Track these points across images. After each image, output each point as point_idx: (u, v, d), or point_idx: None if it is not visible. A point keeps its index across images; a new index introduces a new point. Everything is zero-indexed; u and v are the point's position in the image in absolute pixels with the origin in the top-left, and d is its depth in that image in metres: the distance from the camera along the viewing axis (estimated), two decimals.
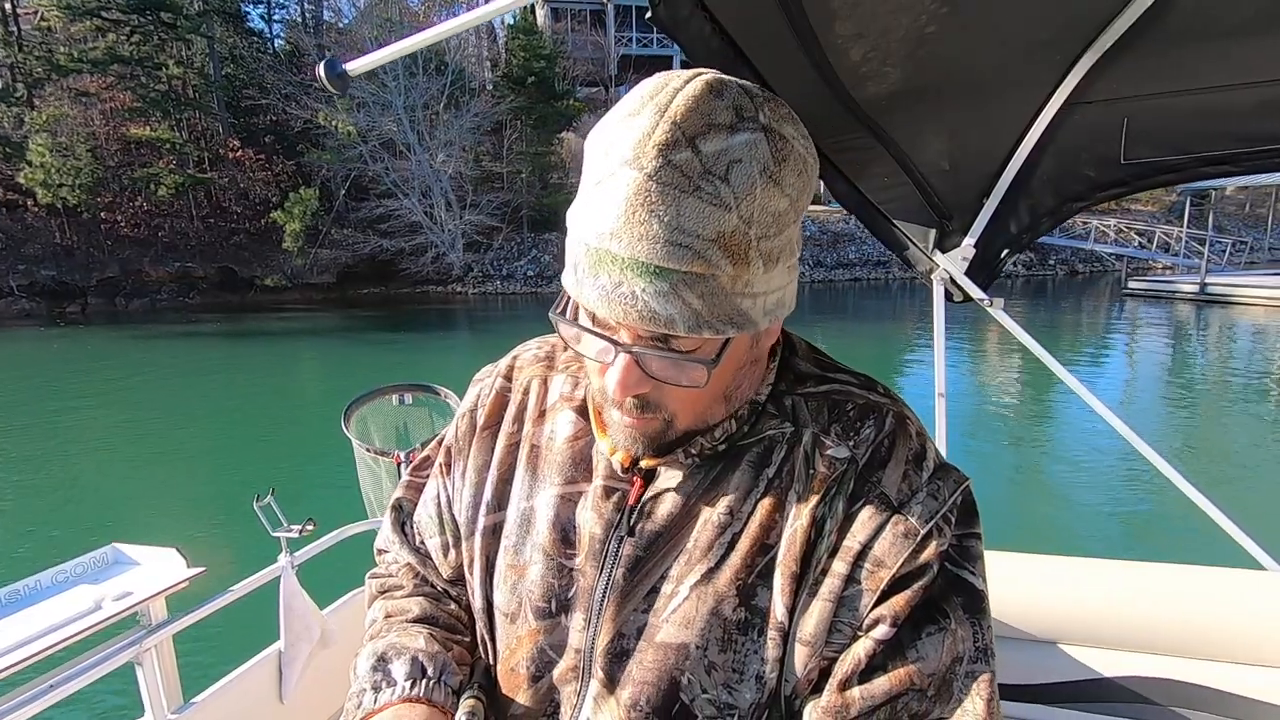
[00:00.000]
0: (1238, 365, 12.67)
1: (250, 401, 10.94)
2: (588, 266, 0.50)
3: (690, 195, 0.47)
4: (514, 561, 0.66)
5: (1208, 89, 1.12)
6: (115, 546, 1.28)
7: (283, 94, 25.61)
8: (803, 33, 0.98)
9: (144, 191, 24.53)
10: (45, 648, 1.05)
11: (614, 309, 0.49)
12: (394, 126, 24.82)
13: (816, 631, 0.56)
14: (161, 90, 25.22)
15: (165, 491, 6.95)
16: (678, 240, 0.47)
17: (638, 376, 0.53)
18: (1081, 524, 5.72)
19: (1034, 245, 2.25)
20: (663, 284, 0.48)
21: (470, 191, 25.79)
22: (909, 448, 0.59)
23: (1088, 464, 7.02)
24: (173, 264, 24.44)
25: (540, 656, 0.63)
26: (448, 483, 0.74)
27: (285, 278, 25.25)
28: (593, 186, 0.50)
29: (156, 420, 9.77)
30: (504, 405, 0.72)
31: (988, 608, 0.58)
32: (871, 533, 0.56)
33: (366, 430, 1.80)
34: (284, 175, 26.96)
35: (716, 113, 0.47)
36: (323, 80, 0.96)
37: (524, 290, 25.95)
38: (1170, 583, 1.29)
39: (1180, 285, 21.42)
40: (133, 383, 12.41)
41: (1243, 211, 33.72)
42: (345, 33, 28.60)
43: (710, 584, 0.58)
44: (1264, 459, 7.34)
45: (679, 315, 0.49)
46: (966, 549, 0.57)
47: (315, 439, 8.64)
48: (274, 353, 15.52)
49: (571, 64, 29.48)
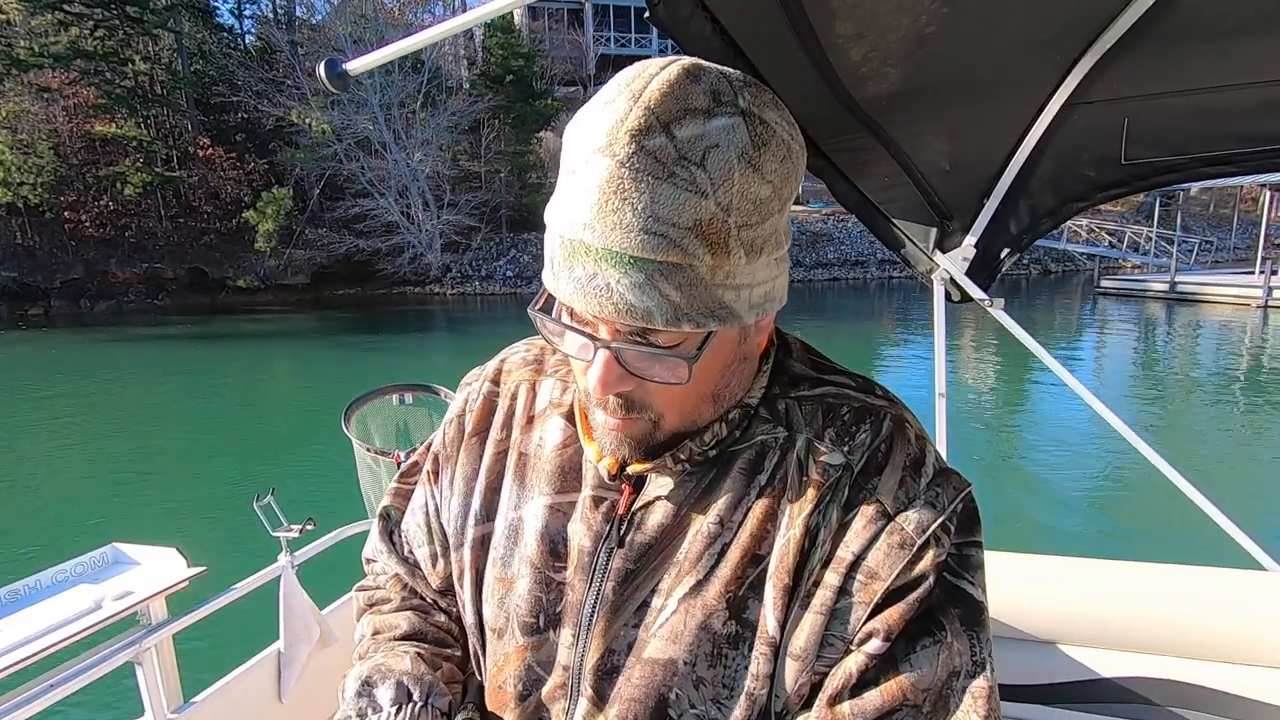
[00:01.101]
0: (1207, 360, 13.08)
1: (221, 406, 10.70)
2: (563, 259, 0.48)
3: (665, 182, 0.45)
4: (502, 574, 0.64)
5: (1208, 89, 1.12)
6: (115, 546, 1.26)
7: (254, 91, 25.10)
8: (803, 32, 0.97)
9: (110, 190, 23.89)
10: (45, 647, 1.03)
11: (590, 302, 0.48)
12: (370, 125, 24.48)
13: (808, 645, 0.54)
14: (127, 86, 24.59)
15: (128, 497, 6.78)
16: (652, 229, 0.45)
17: (618, 374, 0.51)
18: (1081, 524, 5.76)
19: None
20: (638, 275, 0.46)
21: (448, 191, 25.54)
22: (907, 453, 0.57)
23: (1087, 463, 7.05)
24: (140, 265, 23.83)
25: (528, 674, 0.61)
26: (435, 491, 0.72)
27: (258, 279, 24.75)
28: (568, 176, 0.48)
29: (123, 426, 9.53)
30: (492, 411, 0.70)
31: (987, 620, 0.55)
32: (865, 542, 0.54)
33: (367, 430, 1.80)
34: (256, 174, 26.42)
35: (692, 97, 0.46)
36: (323, 80, 0.96)
37: (503, 291, 25.78)
38: (1170, 583, 1.28)
39: (1151, 284, 21.94)
40: (98, 386, 12.08)
41: (1207, 212, 34.76)
42: (318, 29, 28.14)
43: (699, 597, 0.56)
44: (1237, 444, 7.61)
45: (656, 308, 0.47)
46: (966, 558, 0.55)
47: (290, 443, 8.52)
48: (246, 355, 15.21)
49: (550, 63, 29.36)
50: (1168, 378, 11.76)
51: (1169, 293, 20.76)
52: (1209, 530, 1.58)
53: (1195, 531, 1.98)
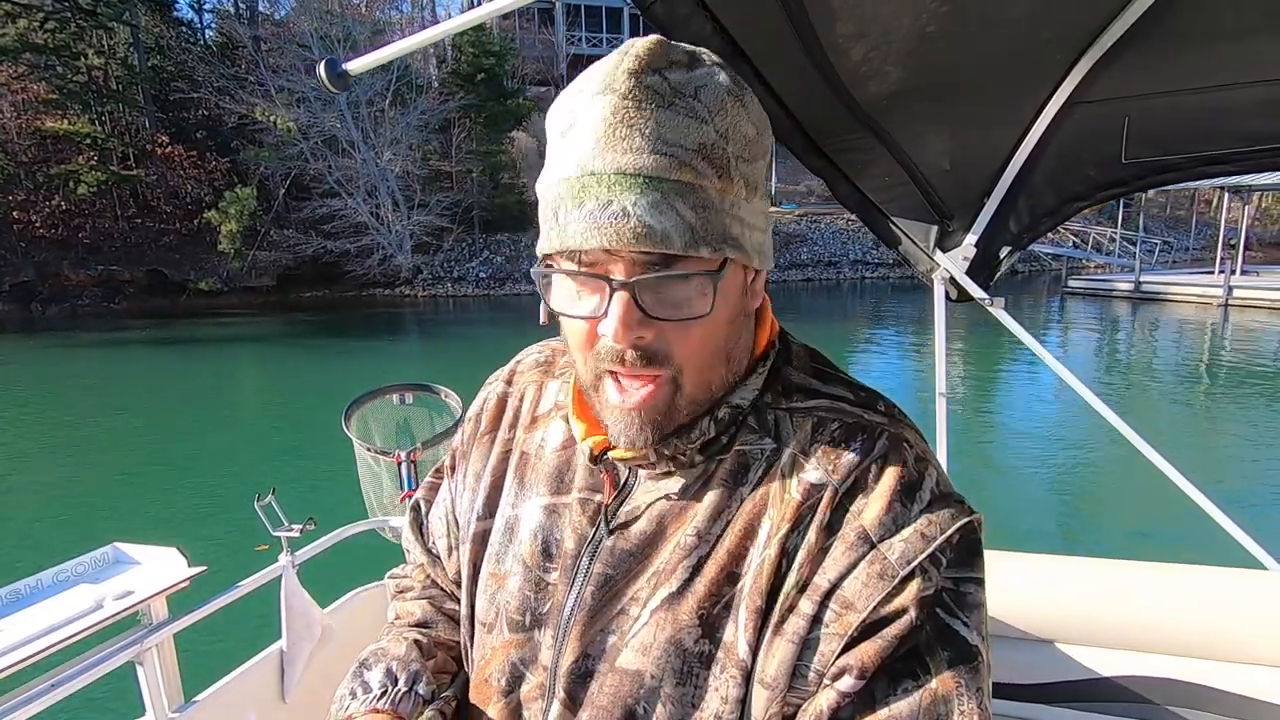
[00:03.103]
0: (1177, 355, 13.58)
1: (181, 412, 10.33)
2: (570, 199, 0.48)
3: (666, 109, 0.47)
4: (496, 570, 0.65)
5: (1209, 88, 1.12)
6: (116, 546, 1.24)
7: (215, 87, 24.43)
8: (803, 32, 0.98)
9: (62, 189, 22.96)
10: (46, 647, 1.02)
11: (606, 233, 0.46)
12: (337, 123, 23.98)
13: (778, 674, 0.51)
14: (80, 81, 23.68)
15: (78, 510, 6.52)
16: (662, 150, 0.46)
17: (638, 316, 0.49)
18: (1080, 522, 5.81)
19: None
20: (654, 194, 0.46)
21: (419, 191, 25.14)
22: (900, 475, 0.53)
23: (1086, 462, 7.07)
24: (95, 267, 22.94)
25: (512, 671, 0.62)
26: (452, 485, 0.75)
27: (221, 281, 24.03)
28: (561, 136, 0.49)
29: (80, 433, 9.17)
30: (503, 410, 0.72)
31: (981, 668, 0.50)
32: (843, 570, 0.51)
33: (367, 430, 1.78)
34: (218, 173, 25.68)
35: (673, 54, 0.49)
36: (323, 80, 0.96)
37: (476, 293, 25.49)
38: (1169, 582, 1.27)
39: (1117, 284, 22.37)
40: (50, 392, 11.60)
41: (1164, 214, 36.00)
42: (282, 25, 27.47)
43: (671, 610, 0.55)
44: (1237, 439, 7.84)
45: (674, 229, 0.47)
46: (962, 596, 0.51)
47: (256, 448, 8.31)
48: (208, 360, 14.76)
49: (521, 62, 29.17)
50: (1142, 372, 12.07)
51: (1134, 292, 21.32)
52: (1208, 528, 1.57)
53: (1194, 530, 1.95)
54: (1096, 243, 27.66)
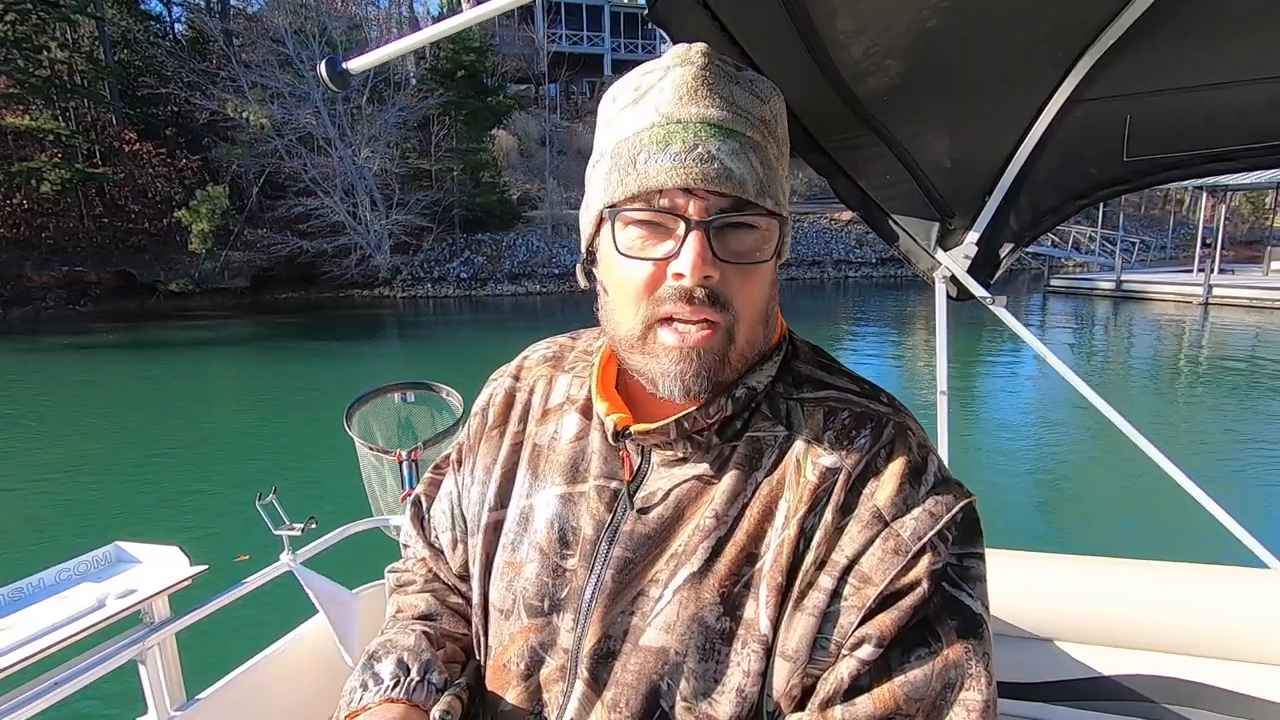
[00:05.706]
0: (1157, 353, 13.84)
1: (151, 419, 10.02)
2: (655, 144, 0.54)
3: (735, 84, 0.56)
4: (511, 559, 0.67)
5: (1211, 86, 1.12)
6: (118, 545, 1.22)
7: (186, 83, 23.87)
8: (804, 29, 0.99)
9: (24, 187, 22.23)
10: (48, 645, 1.00)
11: (690, 171, 0.52)
12: (313, 119, 23.57)
13: (799, 647, 0.55)
14: (43, 75, 22.93)
15: (40, 517, 6.34)
16: (737, 112, 0.55)
17: (710, 256, 0.53)
18: (1080, 521, 5.76)
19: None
20: (734, 143, 0.53)
21: (397, 190, 24.83)
22: (907, 461, 0.57)
23: (1086, 461, 7.08)
24: (60, 268, 22.25)
25: (531, 655, 0.63)
26: (459, 479, 0.76)
27: (192, 282, 23.42)
28: (630, 105, 0.57)
29: (45, 442, 8.91)
30: (511, 405, 0.73)
31: (986, 634, 0.54)
32: (860, 547, 0.54)
33: (369, 429, 1.77)
34: (189, 171, 25.12)
35: (724, 60, 0.58)
36: (323, 79, 0.96)
37: (457, 294, 25.25)
38: (1170, 580, 1.27)
39: (1099, 282, 22.74)
40: (16, 396, 11.25)
41: (1139, 214, 36.71)
42: (255, 19, 26.92)
43: (694, 589, 0.57)
44: (1242, 435, 7.93)
45: (749, 176, 0.53)
46: (966, 569, 0.55)
47: (243, 450, 8.15)
48: (179, 363, 14.40)
49: (501, 59, 28.97)
50: (1129, 369, 12.20)
51: (1115, 290, 21.72)
52: (1209, 526, 1.57)
53: (1195, 528, 1.94)
54: (1076, 242, 28.12)
